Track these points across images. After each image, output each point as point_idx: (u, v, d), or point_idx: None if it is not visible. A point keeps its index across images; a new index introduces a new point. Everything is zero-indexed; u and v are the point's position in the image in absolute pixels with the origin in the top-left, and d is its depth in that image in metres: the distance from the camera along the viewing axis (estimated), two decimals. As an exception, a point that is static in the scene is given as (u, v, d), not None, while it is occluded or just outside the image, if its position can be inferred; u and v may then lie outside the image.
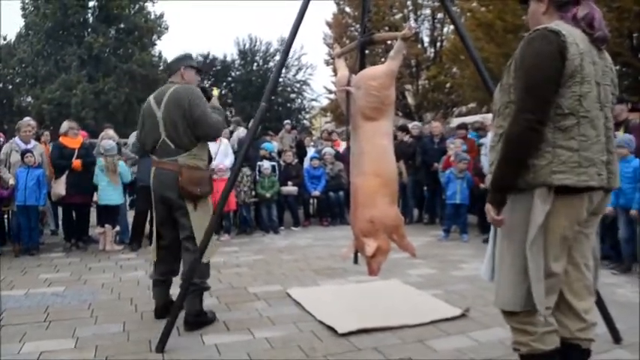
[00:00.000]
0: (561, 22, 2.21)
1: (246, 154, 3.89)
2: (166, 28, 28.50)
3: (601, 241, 4.21)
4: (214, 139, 4.38)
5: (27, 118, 7.68)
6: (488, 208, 2.23)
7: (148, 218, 6.80)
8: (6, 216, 7.37)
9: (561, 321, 2.30)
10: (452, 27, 20.31)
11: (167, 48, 42.67)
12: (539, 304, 2.14)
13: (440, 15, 22.28)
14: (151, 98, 3.90)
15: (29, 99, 26.17)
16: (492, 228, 2.41)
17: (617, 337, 3.43)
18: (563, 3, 2.25)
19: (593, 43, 2.21)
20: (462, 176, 7.55)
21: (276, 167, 8.88)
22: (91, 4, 25.81)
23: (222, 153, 8.33)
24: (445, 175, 7.83)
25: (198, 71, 4.17)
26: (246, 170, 8.22)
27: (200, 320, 3.81)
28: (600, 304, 3.33)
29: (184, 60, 4.03)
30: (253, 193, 8.44)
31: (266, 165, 8.53)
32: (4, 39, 26.23)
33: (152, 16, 27.62)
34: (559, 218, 2.15)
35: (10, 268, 5.93)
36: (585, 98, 2.13)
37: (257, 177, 8.55)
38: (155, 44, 28.26)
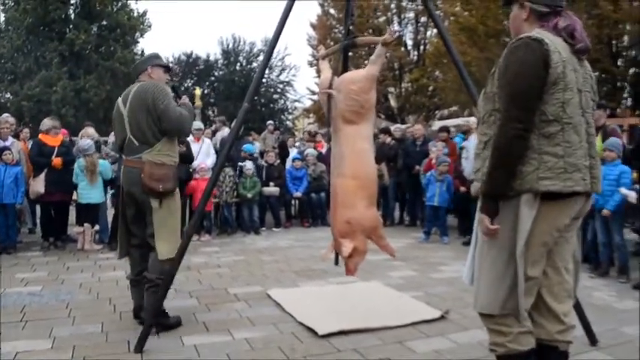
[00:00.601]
0: (543, 30, 2.25)
1: (229, 154, 3.88)
2: (149, 26, 28.22)
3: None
4: (179, 133, 4.17)
5: (5, 115, 7.58)
6: (482, 218, 2.23)
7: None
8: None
9: (540, 323, 2.34)
10: (435, 30, 20.49)
11: (150, 46, 42.37)
12: (523, 310, 2.18)
13: (423, 18, 22.42)
14: (120, 98, 3.89)
15: (8, 95, 25.69)
16: (474, 231, 2.44)
17: (593, 340, 3.48)
18: (544, 13, 2.29)
19: (575, 54, 2.25)
20: (442, 179, 7.60)
21: (257, 168, 8.85)
22: (72, 0, 25.48)
23: (204, 153, 8.29)
24: (425, 177, 7.88)
25: (167, 70, 4.14)
26: (228, 170, 8.19)
27: (158, 322, 3.63)
28: (577, 306, 3.37)
29: (151, 59, 4.01)
30: (235, 193, 8.40)
31: (248, 165, 8.51)
32: (-17, 34, 25.80)
33: (135, 14, 27.33)
34: (541, 224, 2.18)
35: (-15, 266, 5.83)
36: (568, 105, 2.17)
37: (239, 177, 8.51)
38: (138, 42, 27.96)
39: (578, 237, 2.50)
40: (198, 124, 9.03)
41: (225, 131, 9.86)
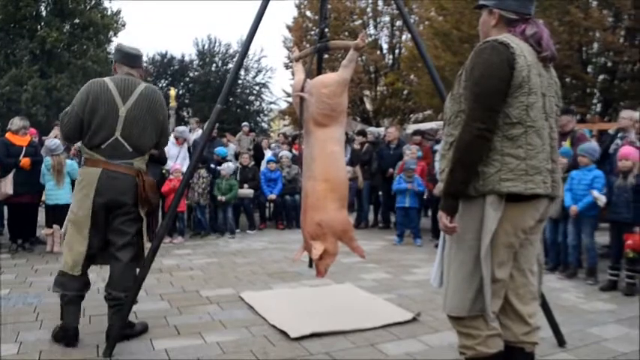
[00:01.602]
0: (510, 34, 2.29)
1: (202, 156, 3.85)
2: (123, 25, 27.88)
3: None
4: (164, 146, 4.14)
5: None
6: (441, 215, 2.27)
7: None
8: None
9: (506, 325, 2.38)
10: (410, 35, 20.65)
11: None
12: (490, 310, 2.21)
13: (399, 22, 22.57)
14: (110, 85, 3.43)
15: (-23, 94, 25.15)
16: (442, 234, 2.46)
17: (561, 341, 3.54)
18: (512, 20, 2.33)
19: (541, 62, 2.30)
20: (411, 180, 7.67)
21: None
22: (44, -3, 25.04)
23: (182, 157, 8.21)
24: (395, 181, 7.94)
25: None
26: (202, 172, 8.12)
27: (125, 333, 3.51)
28: (545, 308, 3.44)
29: (141, 58, 3.79)
30: (209, 195, 8.33)
31: (228, 166, 8.44)
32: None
33: (109, 13, 26.99)
34: (506, 225, 2.22)
35: (-49, 269, 5.68)
36: (532, 108, 2.21)
37: (214, 179, 8.44)
38: (111, 41, 27.55)
39: (541, 241, 2.55)
40: (185, 130, 8.93)
41: (199, 133, 9.80)
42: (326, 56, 4.64)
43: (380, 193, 9.27)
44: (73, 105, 3.42)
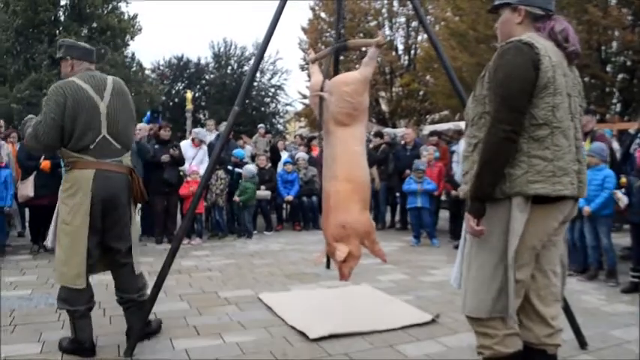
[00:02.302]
0: (534, 34, 2.27)
1: (220, 157, 3.86)
2: (140, 29, 28.12)
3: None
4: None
5: (-7, 117, 7.52)
6: (468, 218, 2.24)
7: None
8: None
9: (528, 327, 2.36)
10: (426, 35, 20.59)
11: (140, 49, 42.27)
12: (513, 313, 2.20)
13: (414, 23, 22.51)
14: (83, 84, 3.26)
15: (-3, 97, 25.54)
16: (462, 235, 2.44)
17: (583, 343, 3.50)
18: (538, 16, 2.31)
19: (567, 58, 2.28)
20: (421, 181, 7.64)
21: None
22: (62, 2, 25.34)
23: (198, 159, 8.28)
24: (405, 182, 7.92)
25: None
26: (220, 173, 8.16)
27: (143, 332, 3.51)
28: (567, 310, 3.40)
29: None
30: (226, 196, 8.38)
31: (248, 168, 8.48)
32: (-28, 36, 25.59)
33: (125, 17, 27.26)
34: (531, 227, 2.19)
35: (-27, 270, 5.78)
36: (558, 109, 2.18)
37: (236, 182, 8.49)
38: (128, 45, 27.85)
39: (565, 241, 2.52)
40: (202, 131, 9.01)
41: (214, 135, 9.88)
42: (341, 57, 4.63)
43: (397, 194, 9.24)
44: (46, 113, 3.17)
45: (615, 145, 7.42)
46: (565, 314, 3.37)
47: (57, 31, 24.85)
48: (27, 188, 6.70)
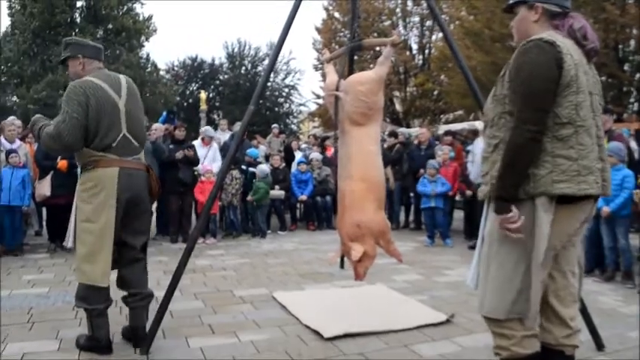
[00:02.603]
0: (553, 32, 2.25)
1: (234, 157, 3.86)
2: (155, 30, 28.34)
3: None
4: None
5: (11, 118, 7.63)
6: (501, 220, 2.19)
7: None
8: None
9: (546, 327, 2.33)
10: (440, 34, 20.50)
11: (155, 50, 42.57)
12: (534, 316, 2.18)
13: (428, 22, 22.44)
14: (102, 84, 3.27)
15: (15, 98, 25.87)
16: (480, 235, 2.43)
17: (600, 345, 3.47)
18: (555, 13, 2.29)
19: (586, 55, 2.26)
20: (435, 180, 7.60)
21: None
22: (78, 4, 25.62)
23: (210, 157, 8.33)
24: (419, 183, 7.89)
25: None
26: (235, 173, 8.20)
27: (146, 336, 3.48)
28: (584, 311, 3.37)
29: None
30: (241, 196, 8.41)
31: (262, 167, 8.51)
32: (-10, 37, 25.99)
33: (140, 18, 27.48)
34: (553, 228, 2.16)
35: (-8, 268, 5.86)
36: (581, 107, 2.16)
37: (250, 181, 8.52)
38: (143, 46, 28.08)
39: (583, 242, 2.49)
40: (209, 128, 9.09)
41: (227, 134, 9.94)
42: (355, 57, 4.63)
43: (411, 194, 9.22)
44: (68, 112, 3.14)
45: (633, 144, 7.34)
46: (582, 315, 3.34)
47: (73, 33, 25.07)
48: (44, 188, 6.78)
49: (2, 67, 25.77)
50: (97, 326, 3.33)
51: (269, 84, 29.06)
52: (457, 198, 8.41)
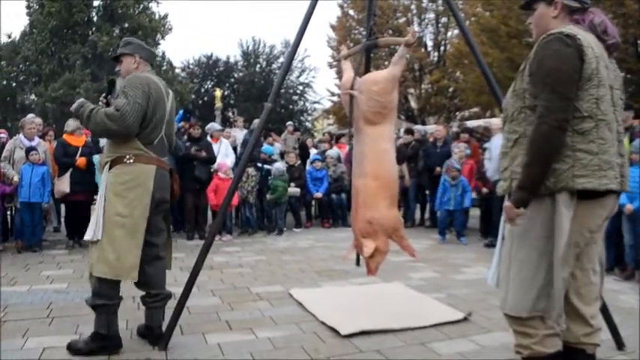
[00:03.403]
0: (573, 26, 2.23)
1: (252, 154, 3.88)
2: (170, 29, 28.50)
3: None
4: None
5: (31, 115, 7.74)
6: (509, 207, 2.18)
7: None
8: (9, 212, 7.38)
9: (567, 325, 2.31)
10: (456, 31, 20.38)
11: (170, 48, 42.80)
12: (558, 314, 2.16)
13: (444, 19, 22.32)
14: (160, 83, 3.44)
15: (33, 97, 26.18)
16: (500, 232, 2.41)
17: (620, 344, 3.42)
18: (574, 9, 2.27)
19: (606, 50, 2.23)
20: (455, 184, 7.56)
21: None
22: (95, 3, 25.84)
23: (222, 153, 8.37)
24: (440, 184, 7.84)
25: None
26: (251, 170, 8.22)
27: (162, 334, 3.48)
28: (604, 310, 3.33)
29: (144, 49, 3.62)
30: (256, 193, 8.44)
31: (277, 166, 8.53)
32: (9, 37, 26.30)
33: (156, 17, 27.65)
34: (574, 223, 2.14)
35: (12, 264, 5.94)
36: (602, 101, 2.14)
37: (266, 179, 8.55)
38: (159, 44, 28.22)
39: (603, 239, 2.46)
40: (214, 125, 9.18)
41: (243, 132, 9.99)
42: (370, 55, 4.62)
43: (427, 191, 9.19)
44: (130, 96, 3.19)
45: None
46: (602, 314, 3.30)
47: (90, 32, 25.36)
48: (63, 184, 6.86)
49: (21, 65, 26.07)
50: (112, 322, 3.32)
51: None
52: (473, 196, 8.34)
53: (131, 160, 3.26)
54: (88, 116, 3.28)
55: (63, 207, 7.63)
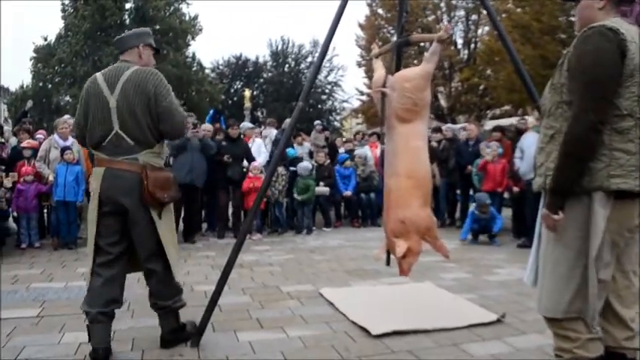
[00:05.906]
0: (618, 19, 2.15)
1: (284, 154, 3.89)
2: (200, 30, 28.85)
3: None
4: (174, 139, 4.09)
5: (66, 116, 7.90)
6: (546, 215, 2.15)
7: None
8: (45, 210, 7.55)
9: (607, 329, 2.25)
10: (487, 28, 20.10)
11: (201, 49, 43.29)
12: (595, 314, 2.11)
13: (474, 16, 22.04)
14: (99, 77, 3.14)
15: (67, 98, 26.76)
16: (536, 232, 2.36)
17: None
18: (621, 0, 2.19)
19: None
20: (486, 216, 7.44)
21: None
22: (127, 5, 26.34)
23: (255, 152, 8.44)
24: (469, 214, 7.71)
25: (157, 52, 3.45)
26: (281, 170, 8.25)
27: (177, 337, 3.42)
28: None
29: (144, 36, 3.34)
30: (286, 192, 8.47)
31: (304, 165, 8.55)
32: (45, 39, 26.93)
33: (187, 18, 28.01)
34: (611, 224, 2.08)
35: (49, 260, 6.09)
36: None
37: (293, 179, 8.58)
38: (189, 45, 28.61)
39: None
40: (247, 124, 9.29)
41: (273, 132, 10.03)
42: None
43: (457, 191, 9.08)
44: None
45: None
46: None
47: (122, 34, 25.79)
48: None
49: (56, 67, 26.66)
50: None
51: (312, 81, 29.18)
52: (505, 195, 8.22)
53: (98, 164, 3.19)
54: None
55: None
